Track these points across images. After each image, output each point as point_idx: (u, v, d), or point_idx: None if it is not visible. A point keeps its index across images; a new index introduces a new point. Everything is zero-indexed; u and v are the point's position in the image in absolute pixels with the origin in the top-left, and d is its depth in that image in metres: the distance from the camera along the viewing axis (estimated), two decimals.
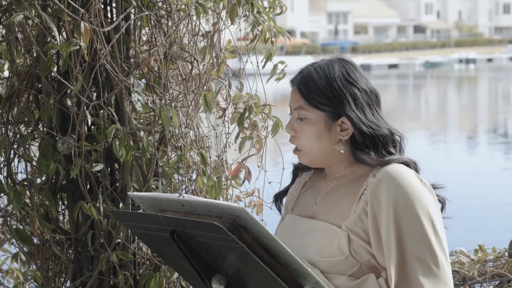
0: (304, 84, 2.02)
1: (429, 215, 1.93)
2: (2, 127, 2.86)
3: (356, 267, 1.95)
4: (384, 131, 2.01)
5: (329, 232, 1.98)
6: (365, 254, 1.95)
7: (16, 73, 2.86)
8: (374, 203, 1.93)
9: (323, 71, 2.02)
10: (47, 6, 2.73)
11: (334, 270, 1.95)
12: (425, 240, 1.91)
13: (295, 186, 2.21)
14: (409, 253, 1.90)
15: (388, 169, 1.95)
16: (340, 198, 2.03)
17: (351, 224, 1.95)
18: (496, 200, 11.48)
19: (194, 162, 2.87)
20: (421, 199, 1.93)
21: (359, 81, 2.02)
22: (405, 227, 1.91)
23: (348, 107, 1.99)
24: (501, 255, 3.32)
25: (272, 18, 3.02)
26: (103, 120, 2.70)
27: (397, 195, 1.91)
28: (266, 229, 1.66)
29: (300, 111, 2.03)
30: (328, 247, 1.97)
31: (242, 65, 3.06)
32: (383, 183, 1.93)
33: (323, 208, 2.05)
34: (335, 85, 2.00)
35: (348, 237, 1.94)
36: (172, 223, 1.74)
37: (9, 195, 2.79)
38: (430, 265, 1.91)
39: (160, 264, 2.86)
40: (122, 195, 2.83)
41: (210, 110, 2.84)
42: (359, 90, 2.01)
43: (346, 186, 2.04)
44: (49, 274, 2.99)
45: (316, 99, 2.00)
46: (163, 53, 2.82)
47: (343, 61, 2.05)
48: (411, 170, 1.98)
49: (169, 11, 2.85)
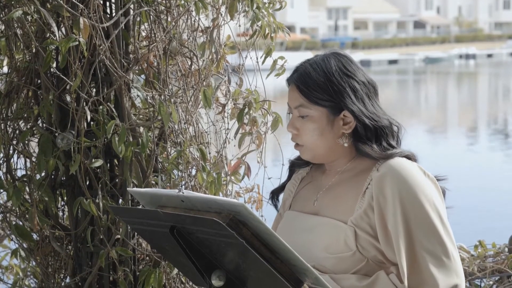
0: (302, 81, 2.02)
1: (435, 207, 1.94)
2: (2, 123, 2.86)
3: (363, 263, 1.95)
4: (384, 122, 2.01)
5: (335, 228, 1.98)
6: (372, 249, 1.95)
7: (15, 69, 2.85)
8: (380, 197, 1.93)
9: (320, 66, 2.01)
10: (46, 2, 2.72)
11: (341, 266, 1.95)
12: (434, 232, 1.92)
13: (292, 181, 2.20)
14: (419, 245, 1.91)
15: (392, 163, 1.95)
16: (343, 193, 2.03)
17: (357, 220, 1.95)
18: (496, 196, 11.48)
19: (193, 158, 2.86)
20: (426, 191, 1.94)
21: (357, 73, 2.02)
22: (413, 220, 1.91)
23: (349, 100, 1.99)
24: (501, 251, 3.32)
25: (272, 13, 3.01)
26: (102, 116, 2.69)
27: (402, 189, 1.91)
28: (265, 225, 1.66)
29: (300, 109, 2.02)
30: (334, 243, 1.96)
31: (242, 60, 3.05)
32: (387, 177, 1.93)
33: (326, 204, 2.05)
34: (333, 79, 1.99)
35: (354, 233, 1.94)
36: (172, 219, 1.74)
37: (8, 191, 2.79)
38: (441, 257, 1.91)
39: (159, 260, 2.86)
40: (122, 191, 2.82)
41: (209, 106, 2.84)
42: (357, 82, 2.01)
43: (348, 180, 2.04)
44: (49, 270, 2.99)
45: (316, 95, 2.00)
46: (162, 48, 2.81)
47: (338, 54, 2.05)
48: (414, 163, 1.99)
49: (169, 7, 2.85)
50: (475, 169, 14.05)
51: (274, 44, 3.03)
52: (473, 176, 13.16)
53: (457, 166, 13.98)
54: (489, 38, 76.49)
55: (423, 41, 72.26)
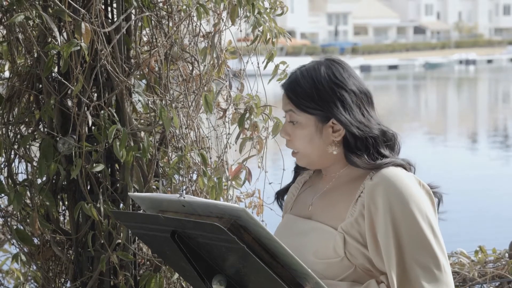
0: (291, 89, 2.02)
1: (427, 218, 1.92)
2: (3, 128, 2.86)
3: (350, 270, 1.94)
4: (374, 132, 1.99)
5: (325, 233, 1.98)
6: (360, 257, 1.94)
7: (17, 73, 2.86)
8: (371, 206, 1.92)
9: (310, 75, 2.01)
10: (48, 7, 2.73)
11: (330, 272, 1.95)
12: (426, 244, 1.90)
13: (295, 185, 2.21)
14: (409, 257, 1.90)
15: (385, 172, 1.94)
16: (336, 199, 2.03)
17: (347, 227, 1.95)
18: (496, 201, 11.48)
19: (194, 163, 2.87)
20: (419, 202, 1.92)
21: (347, 81, 2.00)
22: (403, 232, 1.90)
23: (335, 109, 1.98)
24: (501, 256, 3.32)
25: (273, 18, 3.02)
26: (103, 120, 2.70)
27: (393, 199, 1.90)
28: (266, 229, 1.66)
29: (291, 114, 2.04)
30: (323, 248, 1.96)
31: (243, 65, 3.06)
32: (380, 186, 1.92)
33: (319, 209, 2.05)
34: (320, 88, 1.98)
35: (344, 239, 1.94)
36: (173, 224, 1.75)
37: (9, 196, 2.79)
38: (432, 269, 1.90)
39: (160, 264, 2.86)
40: (123, 196, 2.83)
41: (210, 111, 2.84)
42: (346, 92, 1.99)
43: (342, 187, 2.03)
44: (50, 274, 2.99)
45: (304, 103, 2.00)
46: (163, 53, 2.82)
47: (331, 61, 2.03)
48: (409, 173, 1.97)
49: (170, 12, 2.85)
50: (474, 174, 14.05)
51: (275, 49, 3.03)
52: (473, 181, 13.16)
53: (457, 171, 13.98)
54: (489, 43, 76.55)
55: (423, 47, 72.32)
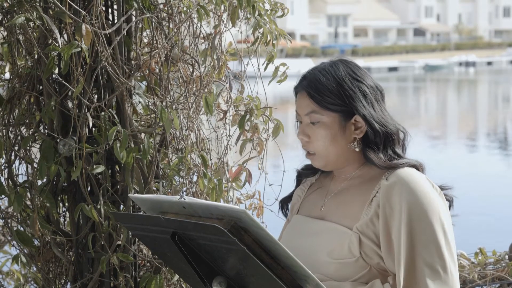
0: (313, 88, 2.02)
1: (441, 221, 1.93)
2: (3, 129, 2.87)
3: (365, 270, 1.95)
4: (391, 128, 2.02)
5: (340, 233, 1.98)
6: (376, 257, 1.95)
7: (17, 75, 2.86)
8: (386, 206, 1.93)
9: (330, 72, 2.03)
10: (48, 8, 2.73)
11: (343, 272, 1.95)
12: (436, 245, 1.91)
13: (301, 187, 2.21)
14: (419, 258, 1.91)
15: (401, 173, 1.96)
16: (350, 199, 2.03)
17: (362, 227, 1.95)
18: (496, 203, 11.48)
19: (195, 164, 2.87)
20: (434, 205, 1.93)
21: (365, 77, 2.05)
22: (417, 234, 1.91)
23: (360, 104, 2.00)
24: (502, 258, 3.32)
25: (273, 20, 3.02)
26: (104, 122, 2.70)
27: (410, 202, 1.91)
28: (267, 231, 1.66)
29: (312, 115, 2.03)
30: (338, 248, 1.96)
31: (243, 67, 3.06)
32: (396, 187, 1.93)
33: (333, 209, 2.05)
34: (344, 84, 2.01)
35: (359, 240, 1.95)
36: (173, 225, 1.75)
37: (10, 197, 2.79)
38: (438, 270, 1.91)
39: (160, 266, 2.86)
40: (123, 197, 2.83)
41: (211, 112, 2.85)
42: (367, 87, 2.03)
43: (356, 187, 2.04)
44: (50, 276, 2.99)
45: (328, 101, 2.00)
46: (164, 55, 2.82)
47: (345, 61, 2.07)
48: (422, 175, 1.99)
49: (171, 14, 2.86)
50: (474, 176, 14.05)
51: (276, 50, 3.04)
52: (473, 183, 13.15)
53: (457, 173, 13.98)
54: (489, 45, 76.57)
55: (423, 49, 72.32)
